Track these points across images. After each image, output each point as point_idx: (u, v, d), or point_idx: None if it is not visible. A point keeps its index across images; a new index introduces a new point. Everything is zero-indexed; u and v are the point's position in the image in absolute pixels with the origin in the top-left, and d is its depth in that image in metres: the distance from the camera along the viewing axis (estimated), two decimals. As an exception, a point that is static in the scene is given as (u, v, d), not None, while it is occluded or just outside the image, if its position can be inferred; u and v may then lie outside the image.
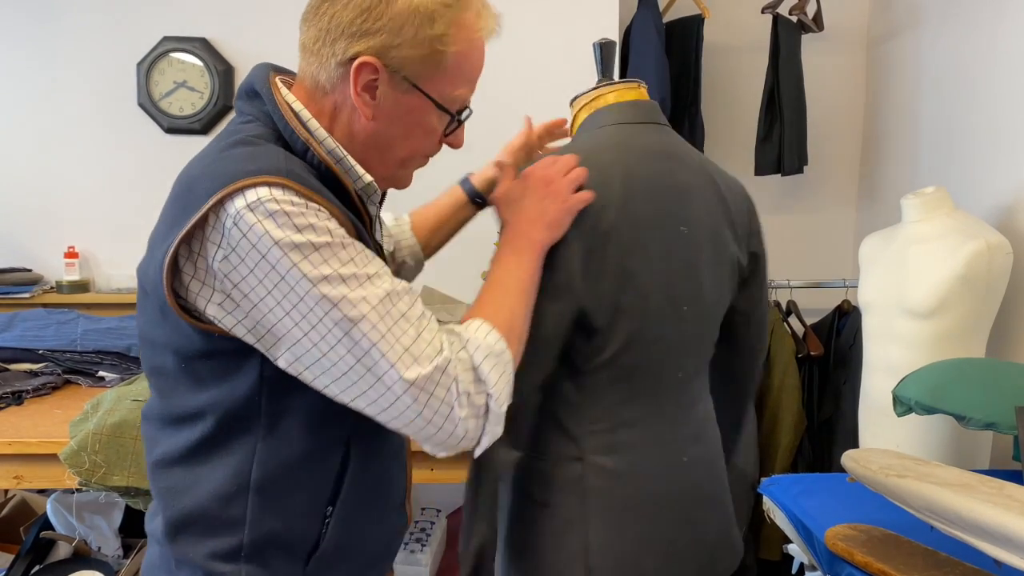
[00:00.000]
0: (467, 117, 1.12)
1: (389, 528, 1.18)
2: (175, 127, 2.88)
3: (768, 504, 1.87)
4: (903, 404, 1.80)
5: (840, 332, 2.96)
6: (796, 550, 1.86)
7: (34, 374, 2.33)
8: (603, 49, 1.42)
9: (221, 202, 0.91)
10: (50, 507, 2.39)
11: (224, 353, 0.98)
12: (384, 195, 1.19)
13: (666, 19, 3.09)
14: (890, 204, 3.00)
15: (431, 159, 1.15)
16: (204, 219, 0.92)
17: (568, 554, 1.25)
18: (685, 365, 1.33)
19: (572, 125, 1.43)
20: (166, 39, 2.85)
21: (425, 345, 0.96)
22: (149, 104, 2.86)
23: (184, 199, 0.95)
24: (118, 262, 2.90)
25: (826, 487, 1.85)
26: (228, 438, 1.01)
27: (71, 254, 2.84)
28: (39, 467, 1.93)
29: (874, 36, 3.24)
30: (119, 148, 2.91)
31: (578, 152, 1.27)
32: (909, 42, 2.93)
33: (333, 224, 0.95)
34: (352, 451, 1.06)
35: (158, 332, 1.01)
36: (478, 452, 1.02)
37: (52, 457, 1.87)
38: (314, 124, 1.04)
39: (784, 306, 2.99)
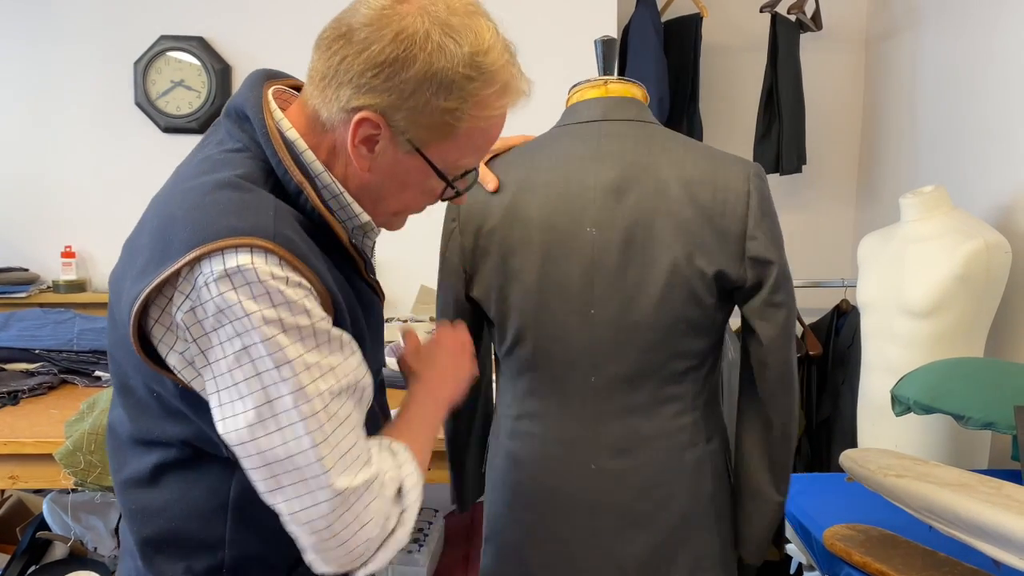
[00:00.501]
0: (471, 185, 1.08)
1: None
2: (172, 126, 2.87)
3: (766, 504, 1.86)
4: (901, 404, 1.80)
5: (839, 332, 2.96)
6: (794, 550, 1.85)
7: (30, 374, 2.32)
8: (605, 46, 1.41)
9: (198, 258, 0.86)
10: (46, 507, 2.39)
11: (195, 393, 0.93)
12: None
13: (664, 18, 3.09)
14: (889, 203, 3.00)
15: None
16: (177, 270, 0.87)
17: (486, 513, 1.45)
18: (603, 371, 1.30)
19: None
20: (163, 38, 2.84)
21: (359, 453, 0.92)
22: (146, 103, 2.86)
23: (162, 242, 0.90)
24: (115, 261, 2.88)
25: (824, 487, 1.84)
26: (203, 462, 0.98)
27: (68, 254, 2.83)
28: (35, 467, 1.92)
29: (872, 35, 3.24)
30: (116, 147, 2.90)
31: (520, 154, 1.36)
32: (907, 41, 2.93)
33: (311, 303, 0.90)
34: None
35: (128, 357, 0.96)
36: (361, 573, 0.95)
37: (48, 457, 1.87)
38: (310, 157, 0.98)
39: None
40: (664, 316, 1.27)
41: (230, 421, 0.88)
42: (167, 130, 2.88)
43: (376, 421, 1.12)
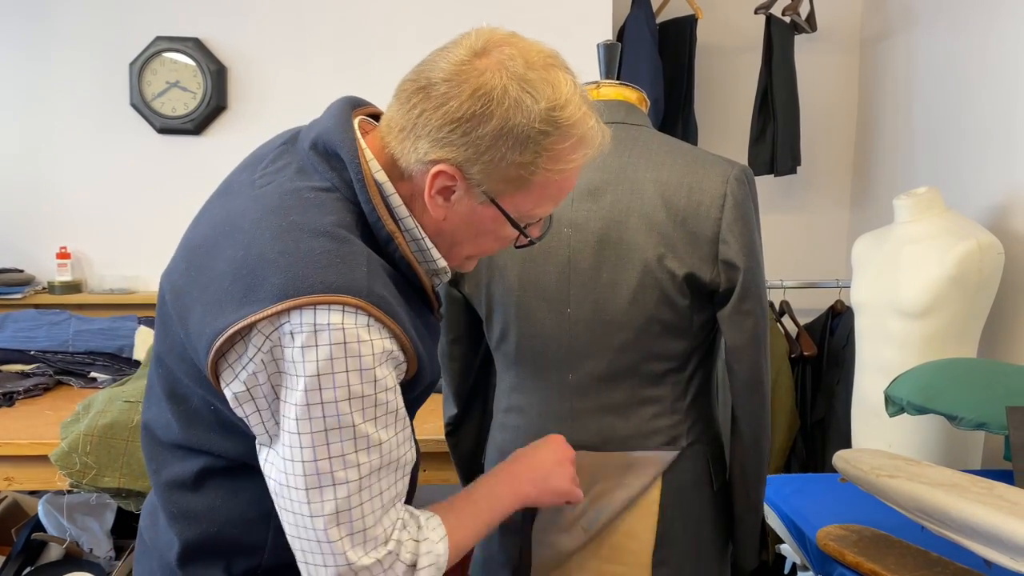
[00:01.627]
0: (546, 232, 1.10)
1: None
2: (168, 127, 2.87)
3: (760, 504, 1.87)
4: (895, 404, 1.81)
5: (833, 332, 2.97)
6: (788, 550, 1.86)
7: (25, 375, 2.32)
8: (607, 51, 1.42)
9: (288, 309, 0.88)
10: (41, 508, 2.39)
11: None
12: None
13: (659, 19, 3.09)
14: (883, 204, 3.01)
15: None
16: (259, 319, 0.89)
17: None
18: (579, 370, 1.32)
19: None
20: (159, 39, 2.84)
21: (381, 531, 0.95)
22: (141, 104, 2.86)
23: (251, 279, 0.90)
24: (110, 262, 2.89)
25: (818, 487, 1.85)
26: (248, 472, 0.99)
27: (63, 255, 2.83)
28: (30, 468, 1.92)
29: (867, 37, 3.25)
30: (111, 148, 2.90)
31: None
32: (902, 43, 2.94)
33: (385, 370, 0.92)
34: None
35: (186, 369, 0.99)
36: None
37: (43, 458, 1.87)
38: (397, 201, 0.99)
39: (777, 306, 3.00)
40: (637, 316, 1.27)
41: (271, 466, 0.94)
42: (163, 131, 2.88)
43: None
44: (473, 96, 0.93)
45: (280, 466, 0.92)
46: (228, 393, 0.93)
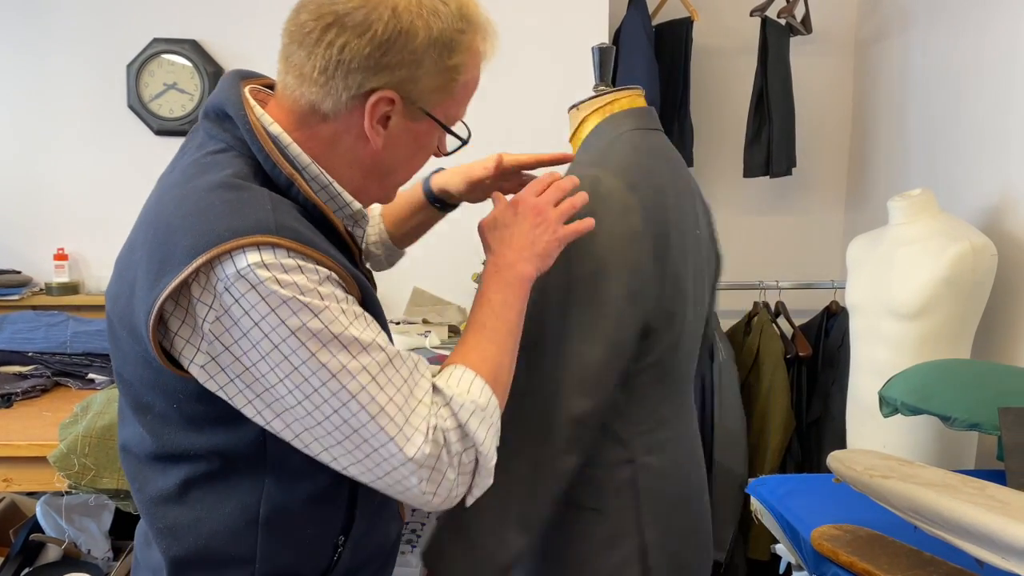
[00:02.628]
0: (469, 136, 1.11)
1: (391, 537, 1.17)
2: (165, 129, 2.87)
3: (756, 505, 1.88)
4: (889, 405, 1.82)
5: (828, 333, 2.98)
6: (783, 550, 1.87)
7: (23, 376, 2.33)
8: (602, 54, 1.43)
9: (209, 263, 0.86)
10: (39, 510, 2.39)
11: (219, 398, 0.92)
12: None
13: (655, 21, 3.10)
14: (878, 205, 3.02)
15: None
16: (189, 278, 0.87)
17: (623, 557, 1.24)
18: (694, 364, 1.37)
19: (574, 131, 1.43)
20: (156, 41, 2.85)
21: (422, 415, 0.93)
22: (139, 106, 2.86)
23: (163, 251, 0.89)
24: (108, 264, 2.86)
25: (812, 488, 1.86)
26: (232, 475, 0.97)
27: (61, 256, 2.83)
28: (28, 470, 1.92)
29: (862, 39, 3.26)
30: (109, 150, 2.91)
31: (608, 158, 1.26)
32: (896, 45, 2.95)
33: (328, 287, 0.90)
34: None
35: (141, 373, 0.97)
36: (469, 502, 0.99)
37: (41, 460, 1.87)
38: (296, 150, 0.99)
39: (773, 307, 3.01)
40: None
41: (279, 420, 0.90)
42: (160, 133, 2.89)
43: None
44: (395, 15, 0.94)
45: (293, 416, 0.90)
46: (195, 369, 0.90)
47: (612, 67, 1.46)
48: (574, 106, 1.44)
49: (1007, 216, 2.24)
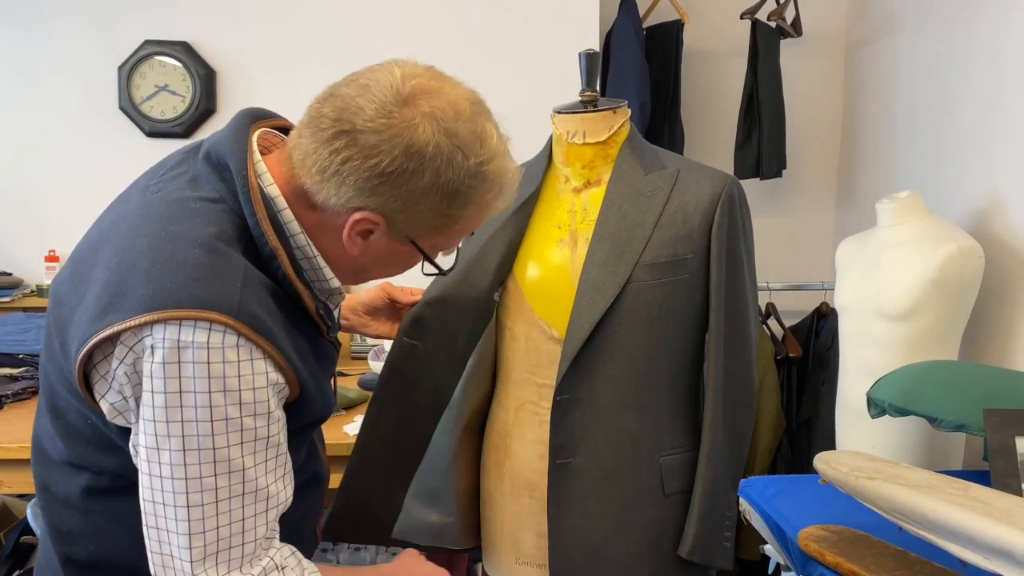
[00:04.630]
0: (455, 265, 1.15)
1: (307, 552, 1.16)
2: (157, 131, 2.87)
3: (744, 505, 1.89)
4: (877, 406, 1.83)
5: (819, 334, 2.99)
6: (771, 550, 1.88)
7: (14, 378, 2.32)
8: (588, 60, 1.44)
9: (153, 321, 0.86)
10: (30, 512, 2.37)
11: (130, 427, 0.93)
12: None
13: (646, 24, 3.11)
14: (868, 207, 3.03)
15: None
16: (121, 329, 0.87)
17: None
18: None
19: (613, 133, 1.43)
20: (148, 42, 2.85)
21: (239, 560, 0.92)
22: (130, 108, 2.86)
23: (120, 287, 0.88)
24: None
25: (800, 488, 1.87)
26: (134, 492, 0.95)
27: (52, 258, 2.83)
28: (20, 472, 1.92)
29: (852, 41, 3.28)
30: (100, 152, 2.90)
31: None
32: (886, 47, 2.97)
33: (255, 395, 0.90)
34: None
35: (62, 382, 0.96)
36: None
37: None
38: (288, 216, 0.97)
39: (763, 308, 3.02)
40: None
41: (144, 478, 0.91)
42: (152, 134, 2.89)
43: (314, 451, 1.16)
44: (406, 153, 0.91)
45: (143, 480, 0.90)
46: (104, 405, 0.91)
47: (599, 73, 1.47)
48: (558, 111, 1.45)
49: (994, 218, 2.25)
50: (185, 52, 2.85)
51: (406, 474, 1.48)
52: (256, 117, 1.05)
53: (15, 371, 2.37)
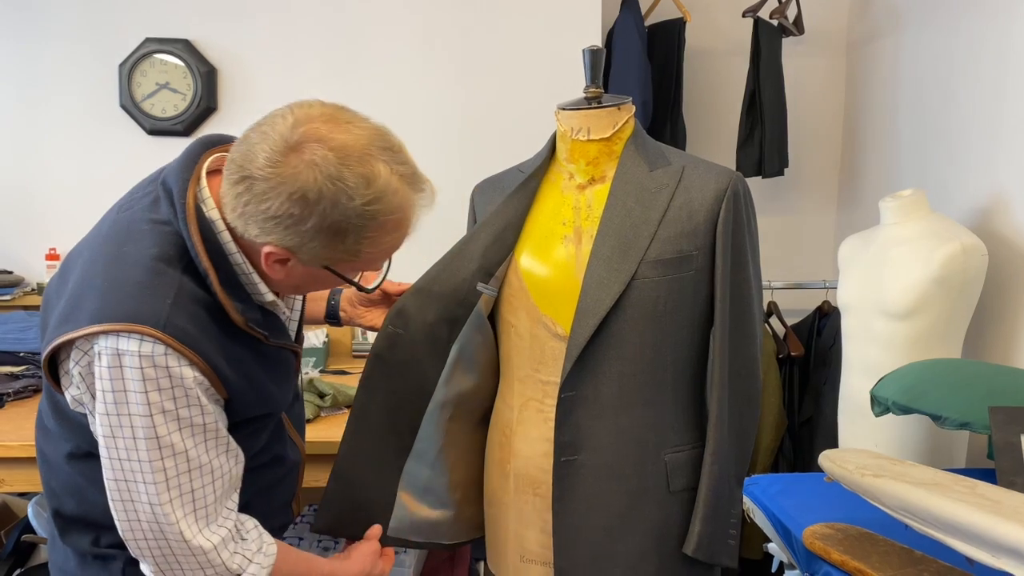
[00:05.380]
0: (383, 278, 1.23)
1: (273, 525, 1.29)
2: (157, 129, 2.87)
3: (748, 504, 1.89)
4: (880, 404, 1.83)
5: (820, 333, 2.99)
6: (776, 549, 1.88)
7: (15, 377, 2.32)
8: (592, 56, 1.43)
9: (96, 333, 1.01)
10: (31, 510, 2.38)
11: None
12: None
13: (648, 22, 3.11)
14: (870, 206, 3.04)
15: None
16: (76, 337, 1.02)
17: None
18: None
19: (618, 129, 1.43)
20: (148, 40, 2.84)
21: (196, 530, 1.08)
22: (131, 105, 2.86)
23: (78, 300, 1.04)
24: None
25: (804, 486, 1.87)
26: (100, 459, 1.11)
27: (52, 256, 2.82)
28: (21, 470, 1.92)
29: (853, 40, 3.28)
30: (101, 150, 2.90)
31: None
32: (888, 46, 2.97)
33: (182, 392, 1.04)
34: None
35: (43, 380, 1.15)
36: None
37: (34, 460, 1.86)
38: (226, 238, 1.08)
39: (765, 307, 3.02)
40: None
41: (105, 460, 1.07)
42: (152, 132, 2.88)
43: (280, 436, 1.31)
44: (290, 199, 1.00)
45: (105, 463, 1.07)
46: (68, 396, 1.09)
47: (603, 69, 1.47)
48: (563, 107, 1.44)
49: (997, 216, 2.25)
50: (186, 50, 2.84)
51: (396, 462, 1.50)
52: (210, 144, 1.15)
53: (16, 369, 2.36)
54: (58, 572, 1.26)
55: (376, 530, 1.45)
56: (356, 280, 1.17)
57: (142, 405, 1.02)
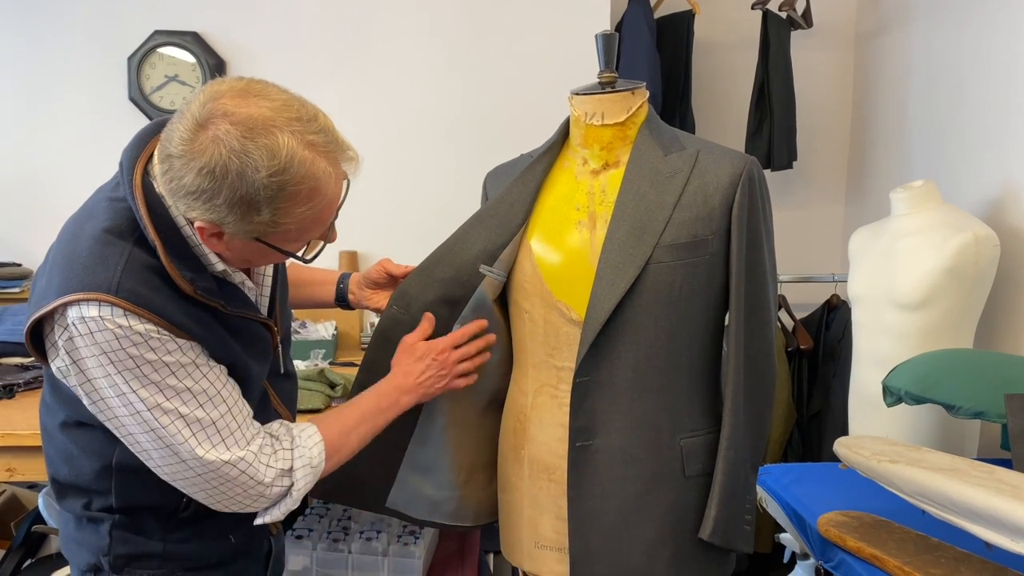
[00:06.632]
0: (320, 252, 1.21)
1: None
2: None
3: (761, 493, 1.89)
4: (893, 394, 1.82)
5: (829, 326, 2.98)
6: (788, 539, 1.88)
7: (25, 367, 2.32)
8: (605, 41, 1.43)
9: (64, 305, 1.07)
10: (41, 501, 2.38)
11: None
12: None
13: (657, 15, 3.11)
14: (878, 198, 3.03)
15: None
16: (52, 310, 1.08)
17: None
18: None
19: (631, 114, 1.43)
20: (157, 33, 2.84)
21: (231, 444, 1.14)
22: (140, 98, 2.86)
23: (48, 280, 1.11)
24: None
25: (818, 475, 1.87)
26: (95, 429, 1.18)
27: (61, 248, 2.82)
28: (32, 460, 1.92)
29: (862, 32, 3.27)
30: (110, 142, 2.87)
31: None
32: (897, 38, 2.96)
33: (156, 343, 1.08)
34: None
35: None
36: (266, 519, 1.23)
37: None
38: (174, 212, 1.11)
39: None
40: None
41: (107, 423, 1.14)
42: (161, 125, 2.88)
43: (265, 406, 1.32)
44: (200, 174, 1.03)
45: (108, 425, 1.13)
46: (54, 368, 1.13)
47: (615, 54, 1.46)
48: (576, 92, 1.44)
49: (1009, 207, 2.24)
50: (195, 42, 2.84)
51: (398, 442, 1.52)
52: (163, 124, 1.15)
53: (26, 360, 2.36)
54: (63, 534, 1.34)
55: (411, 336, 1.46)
56: (299, 254, 1.18)
57: (126, 360, 1.07)
